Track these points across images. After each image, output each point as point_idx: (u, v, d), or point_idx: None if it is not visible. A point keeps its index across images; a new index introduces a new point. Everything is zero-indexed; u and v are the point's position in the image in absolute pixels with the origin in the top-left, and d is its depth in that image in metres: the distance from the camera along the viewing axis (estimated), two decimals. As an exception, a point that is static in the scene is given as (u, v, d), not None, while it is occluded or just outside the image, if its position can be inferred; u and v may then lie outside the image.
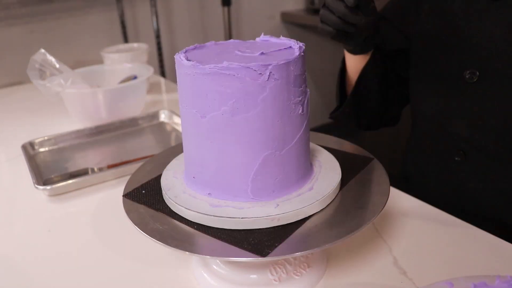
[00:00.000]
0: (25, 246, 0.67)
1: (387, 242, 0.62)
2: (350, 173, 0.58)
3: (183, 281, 0.58)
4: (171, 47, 2.05)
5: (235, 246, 0.46)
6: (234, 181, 0.51)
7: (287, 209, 0.49)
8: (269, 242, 0.46)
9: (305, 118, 0.52)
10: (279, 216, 0.48)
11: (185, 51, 0.53)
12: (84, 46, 1.77)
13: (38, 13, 1.65)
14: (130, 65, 1.23)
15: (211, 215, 0.49)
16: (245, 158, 0.49)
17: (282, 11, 2.38)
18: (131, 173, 0.63)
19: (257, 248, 0.45)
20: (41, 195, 0.80)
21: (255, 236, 0.47)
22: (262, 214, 0.48)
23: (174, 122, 1.08)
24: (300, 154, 0.53)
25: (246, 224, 0.48)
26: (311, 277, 0.55)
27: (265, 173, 0.50)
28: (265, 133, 0.49)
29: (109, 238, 0.67)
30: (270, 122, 0.48)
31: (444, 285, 0.48)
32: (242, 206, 0.50)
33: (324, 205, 0.52)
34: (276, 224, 0.48)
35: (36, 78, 1.02)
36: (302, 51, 0.50)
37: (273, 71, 0.46)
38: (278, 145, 0.50)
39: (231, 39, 0.58)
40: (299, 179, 0.53)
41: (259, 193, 0.51)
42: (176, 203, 0.52)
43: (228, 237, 0.47)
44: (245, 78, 0.46)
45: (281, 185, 0.51)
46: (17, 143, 0.97)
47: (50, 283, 0.59)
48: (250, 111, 0.47)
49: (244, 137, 0.48)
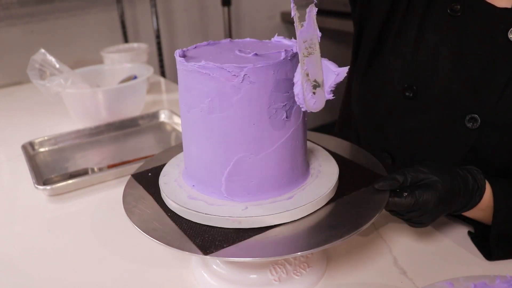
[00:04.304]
0: (25, 246, 0.67)
1: (387, 242, 0.62)
2: (349, 186, 0.56)
3: (183, 281, 0.58)
4: (171, 47, 2.05)
5: (188, 239, 0.47)
6: (210, 178, 0.51)
7: (252, 213, 0.49)
8: (220, 242, 0.46)
9: (292, 125, 0.50)
10: (241, 219, 0.48)
11: (194, 47, 0.54)
12: (84, 46, 1.77)
13: (38, 13, 1.65)
14: (130, 65, 1.23)
15: (183, 206, 0.50)
16: (219, 157, 0.50)
17: (282, 11, 2.37)
18: (131, 173, 0.63)
19: (205, 245, 0.46)
20: (41, 195, 0.80)
21: (213, 233, 0.48)
22: (226, 214, 0.49)
23: (174, 122, 1.08)
24: (282, 160, 0.51)
25: (208, 220, 0.49)
26: (311, 277, 0.55)
27: (239, 174, 0.50)
28: (239, 135, 0.48)
29: (109, 238, 0.67)
30: (246, 125, 0.48)
31: (444, 285, 0.48)
32: (213, 202, 0.51)
33: (294, 217, 0.50)
34: (237, 226, 0.48)
35: (36, 78, 1.02)
36: (288, 55, 0.48)
37: (248, 74, 0.46)
38: (254, 148, 0.49)
39: (248, 38, 0.58)
40: (281, 185, 0.52)
41: (233, 193, 0.51)
42: (162, 190, 0.54)
43: (190, 229, 0.48)
44: (220, 79, 0.46)
45: (257, 189, 0.51)
46: (17, 143, 0.97)
47: (50, 283, 0.59)
48: (224, 111, 0.48)
49: (218, 136, 0.49)
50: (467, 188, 0.56)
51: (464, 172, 0.57)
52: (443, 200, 0.54)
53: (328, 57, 0.46)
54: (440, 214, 0.56)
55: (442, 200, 0.54)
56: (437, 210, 0.54)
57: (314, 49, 0.44)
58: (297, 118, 0.51)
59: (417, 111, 0.67)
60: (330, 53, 2.54)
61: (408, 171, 0.55)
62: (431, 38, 0.65)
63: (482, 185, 0.56)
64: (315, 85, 0.44)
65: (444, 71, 0.64)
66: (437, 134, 0.66)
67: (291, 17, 0.44)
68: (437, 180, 0.54)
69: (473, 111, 0.62)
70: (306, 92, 0.44)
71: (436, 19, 0.65)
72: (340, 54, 2.65)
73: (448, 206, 0.56)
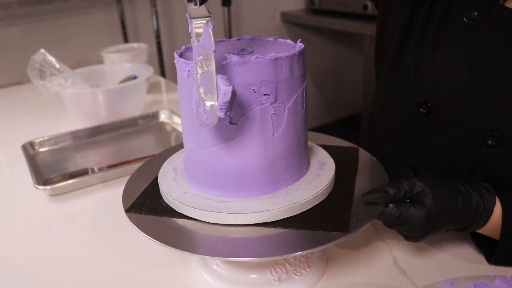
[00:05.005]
0: (25, 246, 0.67)
1: (387, 242, 0.62)
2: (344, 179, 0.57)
3: (183, 281, 0.58)
4: (171, 47, 2.05)
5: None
6: (192, 170, 0.55)
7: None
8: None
9: (240, 132, 0.49)
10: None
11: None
12: (84, 46, 1.77)
13: (38, 13, 1.65)
14: (130, 65, 1.23)
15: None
16: (184, 139, 0.55)
17: (282, 11, 2.38)
18: (131, 173, 0.63)
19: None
20: (41, 195, 0.80)
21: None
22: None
23: (174, 122, 1.08)
24: (230, 161, 0.50)
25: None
26: (311, 277, 0.55)
27: (191, 162, 0.54)
28: (188, 125, 0.52)
29: (109, 238, 0.67)
30: (190, 119, 0.51)
31: (444, 285, 0.48)
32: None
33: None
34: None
35: (36, 78, 1.02)
36: (232, 61, 0.46)
37: (191, 70, 0.48)
38: (199, 142, 0.51)
39: (271, 37, 0.58)
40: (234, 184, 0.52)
41: (188, 178, 0.55)
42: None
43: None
44: (179, 71, 0.51)
45: (204, 182, 0.53)
46: (17, 143, 0.97)
47: (50, 283, 0.59)
48: (181, 100, 0.53)
49: (182, 121, 0.54)
50: (468, 206, 0.52)
51: (468, 189, 0.53)
52: (432, 218, 0.51)
53: (328, 57, 0.46)
54: (430, 232, 0.53)
55: (430, 218, 0.51)
56: (424, 227, 0.51)
57: (210, 64, 0.44)
58: (250, 127, 0.49)
59: (432, 129, 0.63)
60: (330, 53, 2.55)
61: (402, 183, 0.52)
62: (447, 49, 0.61)
63: (489, 206, 0.53)
64: (208, 101, 0.44)
65: (460, 85, 0.60)
66: (456, 152, 0.62)
67: (289, 18, 0.44)
68: (428, 197, 0.51)
69: (493, 127, 0.57)
70: (200, 107, 0.45)
71: (452, 29, 0.61)
72: (340, 54, 2.65)
73: (439, 224, 0.52)
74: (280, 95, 0.49)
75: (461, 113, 0.60)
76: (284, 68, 0.48)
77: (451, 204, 0.51)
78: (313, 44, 2.49)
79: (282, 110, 0.50)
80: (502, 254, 0.56)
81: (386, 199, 0.51)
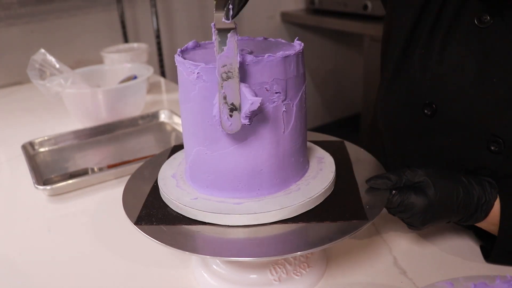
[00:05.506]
0: (25, 246, 0.67)
1: (387, 242, 0.62)
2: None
3: (183, 281, 0.58)
4: (171, 47, 2.05)
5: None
6: (195, 172, 0.55)
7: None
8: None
9: (251, 132, 0.49)
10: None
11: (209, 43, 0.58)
12: (84, 46, 1.77)
13: (38, 13, 1.65)
14: (130, 65, 1.23)
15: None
16: (186, 144, 0.54)
17: (282, 11, 2.38)
18: (131, 173, 0.63)
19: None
20: (41, 195, 0.80)
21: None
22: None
23: (174, 122, 1.08)
24: (241, 163, 0.50)
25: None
26: (311, 277, 0.55)
27: (198, 166, 0.53)
28: (196, 129, 0.51)
29: (109, 238, 0.67)
30: (199, 121, 0.50)
31: (444, 285, 0.48)
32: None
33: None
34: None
35: (36, 78, 1.02)
36: (247, 61, 0.46)
37: (201, 72, 0.47)
38: (209, 145, 0.50)
39: (260, 37, 0.59)
40: (242, 185, 0.52)
41: (194, 182, 0.54)
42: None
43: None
44: (183, 73, 0.50)
45: (214, 185, 0.52)
46: (17, 143, 0.97)
47: (50, 283, 0.59)
48: (186, 103, 0.51)
49: (185, 125, 0.53)
50: (469, 198, 0.53)
51: (471, 181, 0.53)
52: (433, 206, 0.52)
53: (328, 57, 0.46)
54: (431, 220, 0.54)
55: (431, 206, 0.52)
56: (425, 215, 0.53)
57: (233, 74, 0.45)
58: (263, 125, 0.49)
59: (435, 131, 0.63)
60: (330, 53, 2.55)
61: (404, 172, 0.54)
62: (456, 51, 0.60)
63: (489, 199, 0.53)
64: (232, 108, 0.46)
65: (467, 88, 0.59)
66: (457, 155, 0.62)
67: (289, 18, 0.44)
68: (430, 186, 0.52)
69: (496, 133, 0.57)
70: (223, 114, 0.46)
71: (462, 31, 0.60)
72: (340, 54, 2.65)
73: (440, 214, 0.53)
74: (289, 93, 0.50)
75: (466, 117, 0.60)
76: (292, 66, 0.49)
77: (452, 194, 0.53)
78: (313, 44, 2.49)
79: (291, 107, 0.51)
80: (501, 252, 0.56)
81: (388, 185, 0.53)
